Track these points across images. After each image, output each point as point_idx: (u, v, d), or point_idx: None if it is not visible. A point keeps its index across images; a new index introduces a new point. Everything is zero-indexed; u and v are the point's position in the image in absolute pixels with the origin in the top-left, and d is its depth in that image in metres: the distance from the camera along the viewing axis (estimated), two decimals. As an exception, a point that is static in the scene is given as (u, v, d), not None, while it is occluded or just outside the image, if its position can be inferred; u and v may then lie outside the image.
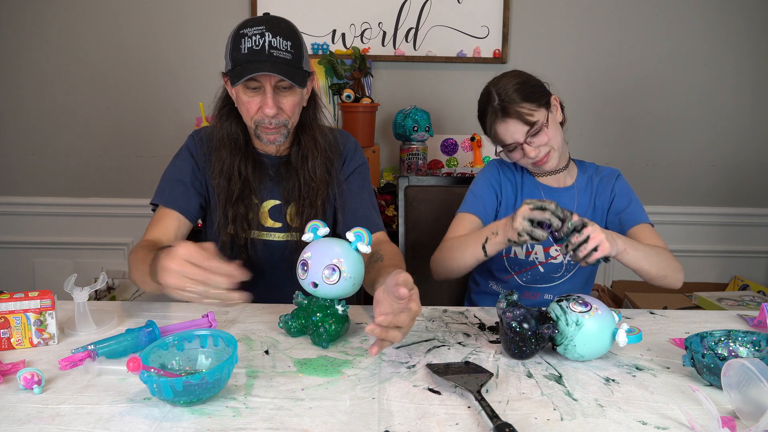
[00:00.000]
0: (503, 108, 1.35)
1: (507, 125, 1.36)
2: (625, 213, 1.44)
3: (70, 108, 2.69)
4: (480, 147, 2.54)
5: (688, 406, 0.85)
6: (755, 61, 2.69)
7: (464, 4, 2.62)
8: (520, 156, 1.40)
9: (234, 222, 1.35)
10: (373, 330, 0.88)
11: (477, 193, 1.49)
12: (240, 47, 1.23)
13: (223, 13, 2.63)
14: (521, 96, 1.34)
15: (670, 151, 2.76)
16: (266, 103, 1.25)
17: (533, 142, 1.37)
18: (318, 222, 1.11)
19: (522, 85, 1.36)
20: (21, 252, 2.79)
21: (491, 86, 1.40)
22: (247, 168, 1.35)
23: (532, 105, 1.35)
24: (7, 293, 1.06)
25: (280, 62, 1.22)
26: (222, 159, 1.35)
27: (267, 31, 1.22)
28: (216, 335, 0.93)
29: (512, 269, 1.49)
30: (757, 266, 2.86)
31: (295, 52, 1.24)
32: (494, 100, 1.37)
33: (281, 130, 1.30)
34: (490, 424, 0.78)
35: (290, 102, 1.28)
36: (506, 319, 1.00)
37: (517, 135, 1.36)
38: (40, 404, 0.84)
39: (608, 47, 2.67)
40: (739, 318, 1.27)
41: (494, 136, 1.42)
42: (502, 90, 1.36)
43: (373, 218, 1.39)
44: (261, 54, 1.21)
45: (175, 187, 1.36)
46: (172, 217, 1.33)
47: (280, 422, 0.80)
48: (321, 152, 1.37)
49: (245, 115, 1.31)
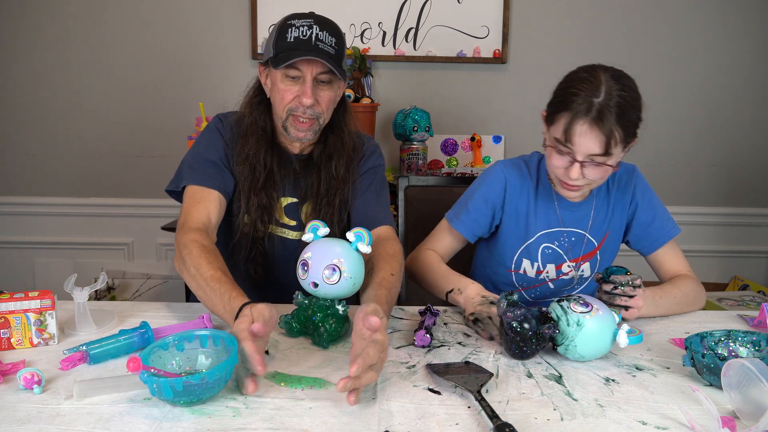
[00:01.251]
0: (600, 113, 1.14)
1: (588, 132, 1.16)
2: (653, 228, 1.39)
3: (70, 108, 2.68)
4: (480, 147, 2.54)
5: (688, 406, 0.85)
6: (755, 61, 2.69)
7: (464, 4, 2.62)
8: (563, 164, 1.22)
9: (256, 211, 1.32)
10: (345, 386, 0.81)
11: (471, 209, 1.39)
12: (286, 36, 1.22)
13: (223, 13, 2.63)
14: (620, 117, 1.15)
15: (670, 151, 2.76)
16: (305, 92, 1.23)
17: (587, 168, 1.20)
18: (318, 222, 1.11)
19: (629, 105, 1.17)
20: (21, 252, 2.79)
21: (603, 75, 1.18)
22: (273, 160, 1.33)
23: (622, 134, 1.17)
24: (7, 293, 1.06)
25: (325, 54, 1.22)
26: (248, 146, 1.31)
27: (315, 24, 1.23)
28: (216, 335, 0.93)
29: (520, 284, 1.44)
30: (757, 266, 2.86)
31: (338, 49, 1.25)
32: (598, 94, 1.15)
33: (313, 125, 1.28)
34: (490, 424, 0.78)
35: (327, 96, 1.27)
36: (507, 319, 1.00)
37: (584, 148, 1.17)
38: (40, 404, 0.84)
39: (608, 47, 2.66)
40: (739, 318, 1.27)
41: (564, 126, 1.18)
42: (610, 94, 1.15)
43: (375, 213, 1.36)
44: (307, 44, 1.21)
45: (207, 166, 1.30)
46: (213, 198, 1.27)
47: (280, 422, 0.80)
48: (346, 153, 1.36)
49: (279, 104, 1.28)
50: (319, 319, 1.05)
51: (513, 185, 1.39)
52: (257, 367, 0.85)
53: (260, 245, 1.35)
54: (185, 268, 1.13)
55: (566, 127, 1.18)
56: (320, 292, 1.05)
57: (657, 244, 1.39)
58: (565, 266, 1.41)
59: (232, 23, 2.63)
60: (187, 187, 1.29)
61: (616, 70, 1.22)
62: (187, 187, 1.29)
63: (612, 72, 1.21)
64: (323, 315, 1.05)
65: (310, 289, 1.06)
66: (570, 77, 1.24)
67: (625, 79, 1.21)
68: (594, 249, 1.41)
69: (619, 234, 1.43)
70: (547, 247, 1.39)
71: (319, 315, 1.05)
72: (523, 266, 1.42)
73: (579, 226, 1.39)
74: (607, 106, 1.15)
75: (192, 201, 1.26)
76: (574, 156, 1.19)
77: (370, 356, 0.84)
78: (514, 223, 1.40)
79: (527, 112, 2.67)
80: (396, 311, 1.26)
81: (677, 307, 1.28)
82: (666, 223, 1.40)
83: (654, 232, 1.39)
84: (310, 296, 1.09)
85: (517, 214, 1.39)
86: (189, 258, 1.11)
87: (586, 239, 1.40)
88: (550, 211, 1.38)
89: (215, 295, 1.04)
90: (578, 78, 1.21)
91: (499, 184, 1.39)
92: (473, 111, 2.71)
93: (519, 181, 1.39)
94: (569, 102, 1.18)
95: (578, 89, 1.18)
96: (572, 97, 1.18)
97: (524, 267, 1.42)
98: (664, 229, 1.39)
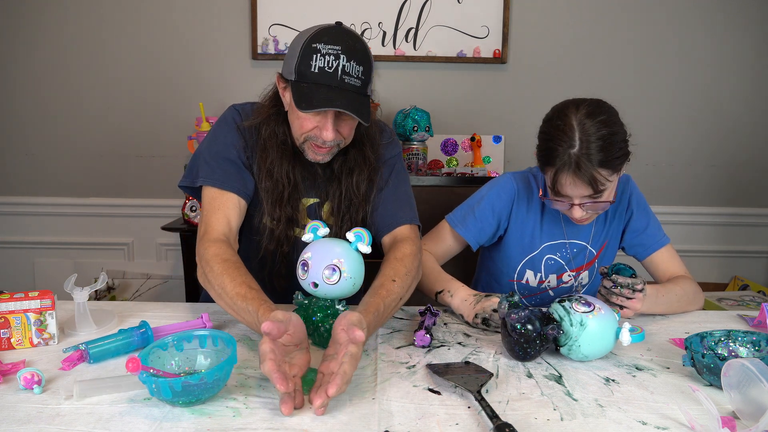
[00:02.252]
0: (578, 164, 1.16)
1: (573, 182, 1.19)
2: (645, 235, 1.40)
3: (69, 108, 2.68)
4: (480, 147, 2.54)
5: (688, 406, 0.85)
6: (755, 61, 2.69)
7: (464, 4, 2.62)
8: (564, 206, 1.26)
9: (280, 222, 1.27)
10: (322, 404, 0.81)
11: (478, 216, 1.39)
12: (311, 63, 1.12)
13: (223, 12, 2.62)
14: (603, 159, 1.16)
15: (670, 151, 2.76)
16: (326, 127, 1.16)
17: (587, 206, 1.23)
18: (318, 222, 1.11)
19: (608, 144, 1.17)
20: (21, 252, 2.79)
21: (576, 123, 1.18)
22: (296, 171, 1.27)
23: (609, 173, 1.18)
24: (7, 293, 1.06)
25: (350, 90, 1.13)
26: (268, 159, 1.25)
27: (342, 53, 1.12)
28: (215, 335, 0.93)
29: (522, 293, 1.46)
30: (757, 266, 2.86)
31: (365, 78, 1.16)
32: (573, 146, 1.17)
33: (332, 150, 1.22)
34: (490, 424, 0.78)
35: (349, 127, 1.20)
36: (511, 320, 1.00)
37: (577, 193, 1.21)
38: (40, 404, 0.84)
39: (608, 47, 2.67)
40: (739, 318, 1.27)
41: (552, 180, 1.23)
42: (585, 140, 1.16)
43: (394, 213, 1.29)
44: (333, 79, 1.12)
45: (225, 165, 1.24)
46: (232, 202, 1.22)
47: (280, 422, 0.80)
48: (369, 167, 1.29)
49: (296, 128, 1.21)
50: (319, 319, 1.05)
51: (522, 197, 1.40)
52: (276, 385, 0.80)
53: (285, 259, 1.30)
54: (210, 287, 1.10)
55: (553, 182, 1.22)
56: (320, 292, 1.05)
57: (651, 250, 1.41)
58: (565, 275, 1.43)
59: (232, 23, 2.62)
60: (204, 188, 1.24)
61: (591, 103, 1.22)
62: (204, 188, 1.24)
63: (586, 110, 1.20)
64: (323, 315, 1.05)
65: (310, 289, 1.06)
66: (546, 126, 1.25)
67: (600, 114, 1.20)
68: (593, 258, 1.43)
69: (616, 242, 1.45)
70: (550, 258, 1.41)
71: (319, 315, 1.05)
72: (526, 276, 1.43)
73: (581, 238, 1.41)
74: (584, 155, 1.16)
75: (211, 208, 1.21)
76: (571, 201, 1.23)
77: (347, 374, 0.83)
78: (519, 234, 1.41)
79: (527, 112, 2.67)
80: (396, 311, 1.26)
81: (677, 305, 1.29)
82: (658, 231, 1.42)
83: (647, 239, 1.41)
84: (310, 296, 1.09)
85: (523, 227, 1.40)
86: (212, 276, 1.08)
87: (587, 250, 1.42)
88: (555, 224, 1.40)
89: (245, 314, 1.02)
90: (554, 127, 1.22)
91: (507, 195, 1.40)
92: (473, 111, 2.71)
93: (527, 194, 1.40)
94: (550, 158, 1.21)
95: (555, 143, 1.20)
96: (551, 153, 1.20)
97: (527, 277, 1.43)
98: (656, 236, 1.41)
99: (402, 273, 1.13)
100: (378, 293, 1.06)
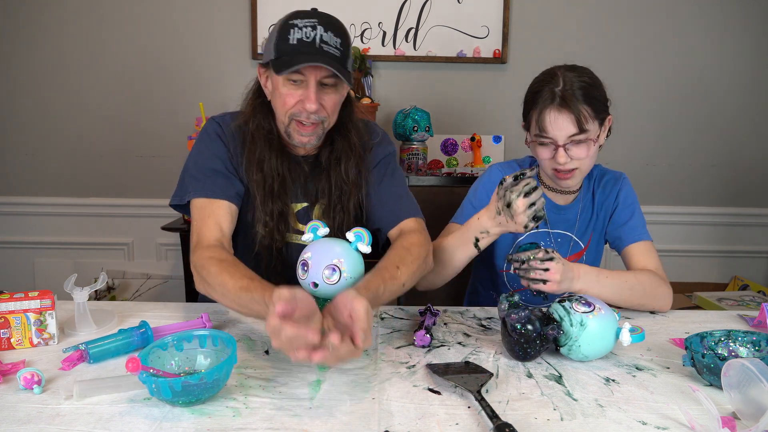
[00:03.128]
0: (563, 97, 1.24)
1: (558, 117, 1.25)
2: (625, 228, 1.40)
3: (69, 108, 2.68)
4: (480, 147, 2.54)
5: (688, 406, 0.85)
6: (756, 61, 2.69)
7: (464, 4, 2.62)
8: (548, 155, 1.30)
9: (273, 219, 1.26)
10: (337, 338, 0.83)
11: (476, 204, 1.40)
12: (288, 38, 1.15)
13: (222, 12, 2.63)
14: (585, 97, 1.25)
15: (670, 151, 2.76)
16: (309, 97, 1.17)
17: (571, 150, 1.27)
18: (318, 222, 1.10)
19: (590, 87, 1.27)
20: (21, 252, 2.79)
21: (558, 71, 1.29)
22: (283, 165, 1.27)
23: (591, 111, 1.25)
24: (7, 293, 1.06)
25: (330, 57, 1.15)
26: (257, 152, 1.26)
27: (319, 25, 1.16)
28: (215, 335, 0.93)
29: (511, 285, 1.46)
30: (757, 266, 2.86)
31: (344, 50, 1.18)
32: (557, 84, 1.26)
33: (317, 128, 1.22)
34: (490, 424, 0.78)
35: (332, 100, 1.21)
36: (511, 321, 1.00)
37: (563, 132, 1.25)
38: (40, 404, 0.84)
39: (608, 47, 2.67)
40: (739, 318, 1.27)
41: (537, 122, 1.28)
42: (569, 81, 1.26)
43: (394, 209, 1.30)
44: (311, 47, 1.14)
45: (212, 176, 1.24)
46: (222, 209, 1.21)
47: (280, 422, 0.80)
48: (355, 154, 1.30)
49: (280, 109, 1.22)
50: (319, 319, 1.05)
51: None
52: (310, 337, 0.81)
53: (279, 255, 1.29)
54: (211, 289, 1.08)
55: (539, 120, 1.28)
56: (320, 292, 1.05)
57: (627, 242, 1.39)
58: None
59: (232, 23, 2.62)
60: (192, 201, 1.23)
61: (571, 65, 1.33)
62: (192, 201, 1.23)
63: (566, 66, 1.31)
64: (323, 315, 1.05)
65: (310, 289, 1.06)
66: (531, 83, 1.34)
67: (580, 68, 1.31)
68: (581, 251, 1.44)
69: (602, 235, 1.45)
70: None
71: (319, 315, 1.05)
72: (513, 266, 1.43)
73: (565, 228, 1.43)
74: (568, 90, 1.25)
75: (200, 217, 1.21)
76: (555, 142, 1.27)
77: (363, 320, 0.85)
78: None
79: (527, 112, 2.67)
80: (396, 311, 1.26)
81: (629, 294, 1.25)
82: (639, 227, 1.40)
83: (626, 231, 1.40)
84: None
85: None
86: (210, 278, 1.07)
87: (572, 241, 1.43)
88: None
89: (252, 304, 1.00)
90: (537, 80, 1.33)
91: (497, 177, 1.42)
92: (473, 111, 2.71)
93: None
94: (535, 100, 1.29)
95: (539, 87, 1.29)
96: (536, 95, 1.29)
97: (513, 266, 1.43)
98: (636, 231, 1.39)
99: (408, 261, 1.12)
100: (381, 275, 1.05)
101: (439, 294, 1.74)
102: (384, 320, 1.20)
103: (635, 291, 1.25)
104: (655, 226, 1.44)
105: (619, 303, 1.24)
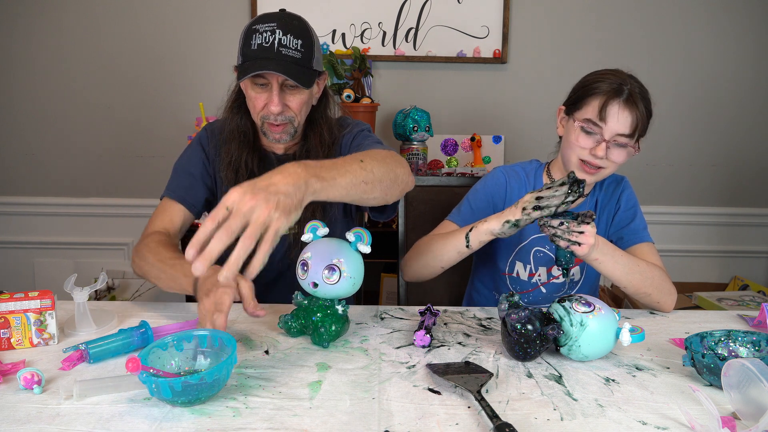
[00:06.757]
0: (631, 95, 1.27)
1: (621, 111, 1.26)
2: (627, 230, 1.41)
3: (69, 108, 2.68)
4: (480, 147, 2.54)
5: (688, 406, 0.85)
6: (757, 61, 2.69)
7: (464, 4, 2.62)
8: (590, 144, 1.30)
9: None
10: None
11: (475, 206, 1.42)
12: (251, 43, 1.23)
13: (223, 12, 2.63)
14: (645, 107, 1.29)
15: (670, 151, 2.76)
16: (272, 100, 1.25)
17: (611, 150, 1.29)
18: (317, 222, 1.10)
19: (648, 102, 1.31)
20: (21, 252, 2.79)
21: (624, 73, 1.32)
22: (254, 162, 1.35)
23: (645, 121, 1.29)
24: (7, 293, 1.06)
25: (288, 61, 1.22)
26: (230, 151, 1.35)
27: (278, 29, 1.22)
28: (215, 335, 0.93)
29: (514, 288, 1.46)
30: (757, 266, 2.86)
31: (305, 51, 1.24)
32: (626, 83, 1.28)
33: (287, 128, 1.30)
34: (490, 424, 0.78)
35: (297, 100, 1.28)
36: (511, 321, 1.00)
37: (618, 126, 1.27)
38: (40, 404, 0.84)
39: (608, 47, 2.67)
40: (739, 318, 1.27)
41: (597, 108, 1.28)
42: (635, 85, 1.29)
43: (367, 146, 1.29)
44: (270, 51, 1.21)
45: (183, 179, 1.37)
46: (177, 210, 1.35)
47: (280, 422, 0.80)
48: (326, 148, 1.35)
49: (252, 111, 1.31)
50: (318, 320, 1.05)
51: (512, 188, 1.45)
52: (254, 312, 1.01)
53: None
54: (145, 261, 1.18)
55: (601, 107, 1.27)
56: (320, 292, 1.05)
57: (630, 243, 1.39)
58: (555, 269, 1.44)
59: (233, 23, 2.62)
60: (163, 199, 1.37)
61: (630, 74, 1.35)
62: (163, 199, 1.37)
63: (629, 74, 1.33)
64: (323, 315, 1.05)
65: (310, 289, 1.06)
66: (592, 74, 1.35)
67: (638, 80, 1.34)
68: None
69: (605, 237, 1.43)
70: (538, 250, 1.43)
71: (318, 315, 1.05)
72: (516, 269, 1.45)
73: None
74: (634, 92, 1.28)
75: (158, 210, 1.35)
76: (602, 135, 1.28)
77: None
78: None
79: (527, 112, 2.67)
80: (396, 311, 1.26)
81: (639, 278, 1.25)
82: (641, 230, 1.40)
83: (628, 233, 1.41)
84: (310, 296, 1.09)
85: None
86: (146, 250, 1.18)
87: None
88: None
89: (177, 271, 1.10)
90: (601, 72, 1.34)
91: (500, 185, 1.45)
92: (473, 111, 2.71)
93: (517, 185, 1.45)
94: (598, 88, 1.29)
95: (604, 78, 1.30)
96: (600, 83, 1.30)
97: (517, 270, 1.45)
98: (638, 233, 1.40)
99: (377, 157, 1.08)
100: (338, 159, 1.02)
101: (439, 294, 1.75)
102: (384, 320, 1.20)
103: (645, 277, 1.26)
104: (656, 226, 1.44)
105: (628, 286, 1.25)
